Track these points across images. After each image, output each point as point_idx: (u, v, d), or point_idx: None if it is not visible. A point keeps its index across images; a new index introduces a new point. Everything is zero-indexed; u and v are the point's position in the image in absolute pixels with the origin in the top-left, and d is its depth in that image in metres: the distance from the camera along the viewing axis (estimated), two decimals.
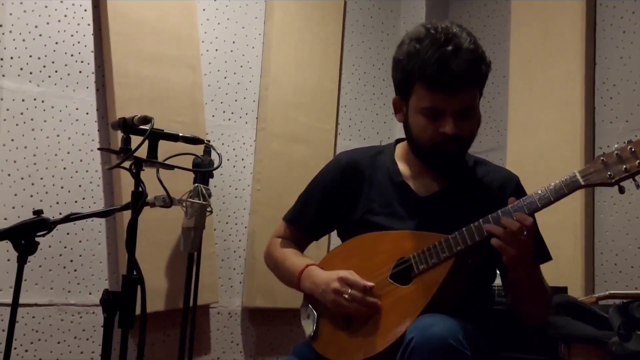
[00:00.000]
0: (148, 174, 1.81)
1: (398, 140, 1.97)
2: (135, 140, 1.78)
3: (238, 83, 3.42)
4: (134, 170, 1.79)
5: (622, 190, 1.55)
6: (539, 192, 1.59)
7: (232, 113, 3.40)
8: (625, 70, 3.14)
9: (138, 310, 1.72)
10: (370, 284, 1.70)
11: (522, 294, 1.73)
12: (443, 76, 1.66)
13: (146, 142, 1.78)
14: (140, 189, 1.79)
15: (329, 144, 3.63)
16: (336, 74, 3.70)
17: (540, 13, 3.42)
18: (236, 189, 3.39)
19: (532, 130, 3.37)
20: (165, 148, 1.88)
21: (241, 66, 3.43)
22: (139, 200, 1.78)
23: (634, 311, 1.72)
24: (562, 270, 3.04)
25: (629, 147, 1.52)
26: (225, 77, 3.38)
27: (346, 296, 1.69)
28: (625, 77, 3.14)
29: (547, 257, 1.84)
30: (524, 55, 3.49)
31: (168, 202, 1.95)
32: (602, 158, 1.54)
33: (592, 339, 1.98)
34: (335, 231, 2.00)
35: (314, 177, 1.99)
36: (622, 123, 3.10)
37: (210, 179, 2.93)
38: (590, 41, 3.25)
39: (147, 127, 1.76)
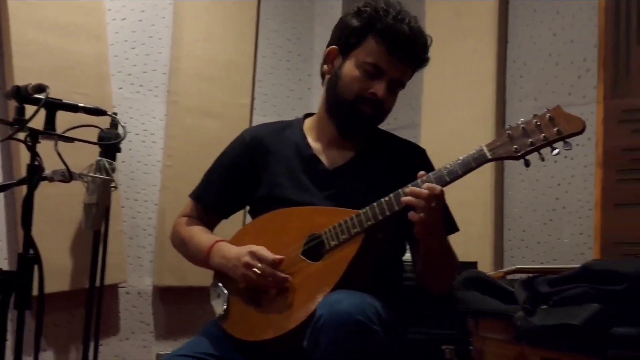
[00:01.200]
0: (49, 147, 1.72)
1: (307, 115, 1.94)
2: (31, 110, 1.67)
3: (147, 54, 3.29)
4: (30, 143, 1.69)
5: (527, 164, 1.56)
6: (448, 166, 1.59)
7: (141, 86, 3.27)
8: (535, 48, 3.21)
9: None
10: (280, 257, 1.68)
11: (432, 262, 1.75)
12: (405, 42, 1.72)
13: (43, 113, 1.69)
14: (36, 163, 1.69)
15: (244, 119, 3.56)
16: (251, 47, 3.62)
17: None
18: (145, 164, 3.28)
19: (446, 108, 3.41)
20: (68, 120, 1.79)
21: (150, 37, 3.30)
22: (34, 174, 1.70)
23: (538, 286, 1.75)
24: (472, 246, 3.11)
25: (534, 120, 1.54)
26: (133, 48, 3.25)
27: (256, 270, 1.66)
28: (535, 56, 3.20)
29: (454, 228, 1.86)
30: (438, 33, 3.46)
31: (67, 176, 1.85)
32: (508, 132, 1.55)
33: (499, 313, 2.01)
34: (248, 210, 1.97)
35: (220, 154, 1.96)
36: (532, 101, 3.17)
37: (118, 154, 2.82)
38: (502, 19, 3.30)
39: (42, 96, 1.65)
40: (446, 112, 3.40)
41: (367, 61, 1.74)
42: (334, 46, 1.82)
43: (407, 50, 1.74)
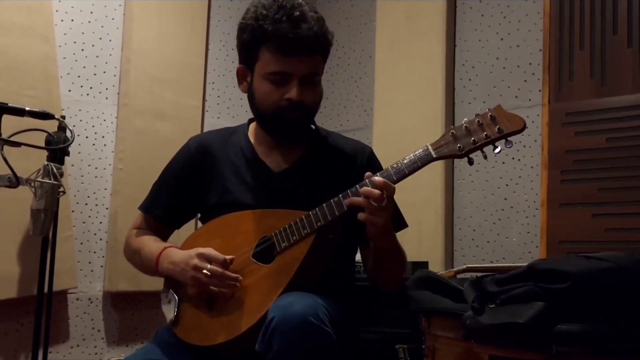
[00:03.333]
0: None
1: (251, 120, 1.94)
2: None
3: (97, 56, 3.24)
4: None
5: (471, 162, 1.59)
6: (395, 165, 1.61)
7: (91, 88, 3.22)
8: (483, 52, 3.27)
9: None
10: (230, 257, 1.67)
11: (383, 261, 1.77)
12: (292, 38, 1.67)
13: None
14: None
15: (196, 121, 3.55)
16: (202, 49, 3.61)
17: None
18: (96, 168, 3.22)
19: (397, 110, 3.45)
20: (15, 123, 1.75)
21: (100, 38, 3.25)
22: None
23: (486, 285, 1.80)
24: (424, 246, 3.16)
25: (477, 119, 1.57)
26: (82, 50, 3.19)
27: (206, 271, 1.65)
28: (482, 60, 3.27)
29: (403, 224, 1.89)
30: (389, 35, 3.55)
31: (14, 181, 1.81)
32: (452, 131, 1.58)
33: (450, 312, 2.05)
34: (199, 218, 1.96)
35: (167, 164, 1.94)
36: (480, 104, 3.24)
37: (68, 158, 2.77)
38: (451, 23, 3.36)
39: None
40: (397, 113, 3.45)
41: (269, 71, 1.71)
42: (240, 65, 1.81)
43: (298, 45, 1.68)
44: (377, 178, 1.59)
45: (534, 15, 3.10)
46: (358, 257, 1.95)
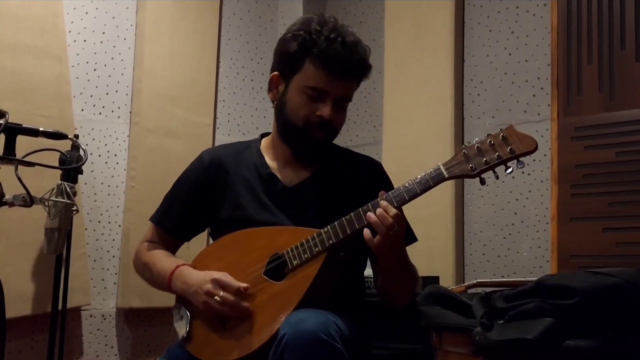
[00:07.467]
0: (9, 172, 1.71)
1: (263, 135, 1.96)
2: None
3: (109, 75, 3.29)
4: None
5: (483, 182, 1.60)
6: (406, 184, 1.62)
7: (103, 107, 3.27)
8: (491, 67, 3.29)
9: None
10: (245, 285, 1.67)
11: (392, 278, 1.77)
12: (343, 60, 1.71)
13: (3, 138, 1.68)
14: None
15: (207, 139, 3.58)
16: (213, 67, 3.65)
17: (412, 10, 3.52)
18: (109, 186, 3.26)
19: (406, 125, 3.46)
20: (29, 144, 1.78)
21: (112, 58, 3.30)
22: None
23: (495, 301, 1.80)
24: (435, 261, 3.16)
25: (489, 140, 1.57)
26: (95, 70, 3.24)
27: (217, 299, 1.66)
28: (491, 75, 3.28)
29: (413, 238, 1.89)
30: (398, 51, 3.57)
31: (28, 201, 1.83)
32: (463, 151, 1.59)
33: (461, 327, 2.06)
34: (209, 232, 1.97)
35: (179, 177, 1.95)
36: (489, 118, 3.25)
37: (80, 176, 2.79)
38: (459, 39, 3.38)
39: (1, 121, 1.65)
40: (406, 128, 3.46)
41: (308, 85, 1.74)
42: (275, 72, 1.83)
43: (346, 68, 1.73)
44: (385, 205, 1.60)
45: (542, 30, 3.12)
46: (368, 272, 1.95)
